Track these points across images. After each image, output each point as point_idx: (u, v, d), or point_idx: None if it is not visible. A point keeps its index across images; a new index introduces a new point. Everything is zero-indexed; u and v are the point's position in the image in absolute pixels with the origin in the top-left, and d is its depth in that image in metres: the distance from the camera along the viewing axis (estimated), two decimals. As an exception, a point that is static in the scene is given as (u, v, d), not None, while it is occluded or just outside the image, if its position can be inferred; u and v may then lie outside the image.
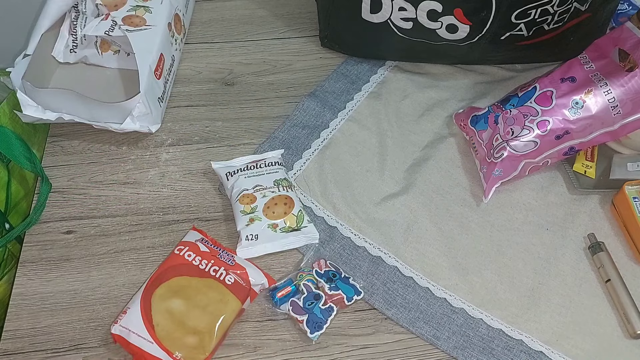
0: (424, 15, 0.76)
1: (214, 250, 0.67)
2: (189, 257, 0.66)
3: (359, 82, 0.87)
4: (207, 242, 0.68)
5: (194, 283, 0.64)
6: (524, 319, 0.66)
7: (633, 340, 0.65)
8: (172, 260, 0.66)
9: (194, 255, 0.66)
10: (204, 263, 0.65)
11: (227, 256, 0.66)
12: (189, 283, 0.64)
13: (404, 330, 0.66)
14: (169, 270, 0.65)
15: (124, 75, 0.85)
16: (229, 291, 0.63)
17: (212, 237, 0.69)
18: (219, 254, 0.66)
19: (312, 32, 0.94)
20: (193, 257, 0.66)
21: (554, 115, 0.70)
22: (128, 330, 0.60)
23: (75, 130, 0.80)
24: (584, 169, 0.76)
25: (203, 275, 0.64)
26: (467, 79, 0.88)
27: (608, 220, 0.74)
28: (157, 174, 0.77)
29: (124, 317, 0.61)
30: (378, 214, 0.73)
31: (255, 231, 0.68)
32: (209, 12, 0.96)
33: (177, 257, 0.66)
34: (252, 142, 0.80)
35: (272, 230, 0.68)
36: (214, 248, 0.67)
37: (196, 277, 0.64)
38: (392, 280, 0.68)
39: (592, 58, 0.72)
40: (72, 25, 0.84)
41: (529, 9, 0.74)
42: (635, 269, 0.70)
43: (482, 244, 0.72)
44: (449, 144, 0.80)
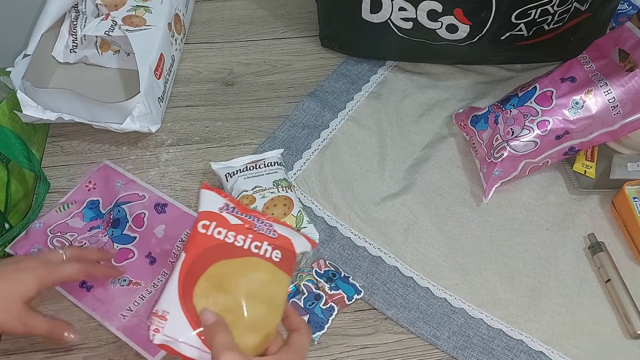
0: (424, 15, 0.76)
1: (247, 220, 0.54)
2: (220, 234, 0.53)
3: (359, 82, 0.87)
4: (233, 209, 0.55)
5: (235, 267, 0.53)
6: (524, 319, 0.66)
7: (633, 340, 0.65)
8: (200, 243, 0.54)
9: (225, 232, 0.53)
10: (241, 239, 0.53)
11: (266, 226, 0.54)
12: (230, 269, 0.53)
13: (404, 330, 0.66)
14: (202, 257, 0.53)
15: (124, 75, 0.85)
16: (278, 268, 0.53)
17: (235, 200, 0.57)
18: (254, 225, 0.54)
19: (312, 32, 0.94)
20: (224, 233, 0.53)
21: (554, 115, 0.70)
22: (175, 340, 0.50)
23: (75, 130, 0.80)
24: (584, 169, 0.77)
25: (243, 254, 0.53)
26: (467, 79, 0.88)
27: (608, 220, 0.74)
28: (157, 174, 0.77)
29: (165, 324, 0.51)
30: (378, 214, 0.73)
31: (255, 231, 0.68)
32: (209, 12, 0.96)
33: (205, 237, 0.54)
34: (252, 142, 0.80)
35: (272, 230, 0.68)
36: (246, 218, 0.55)
37: (236, 259, 0.53)
38: (392, 280, 0.68)
39: (592, 58, 0.72)
40: (72, 25, 0.84)
41: (529, 9, 0.74)
42: (635, 269, 0.70)
43: (482, 244, 0.72)
44: (449, 144, 0.80)
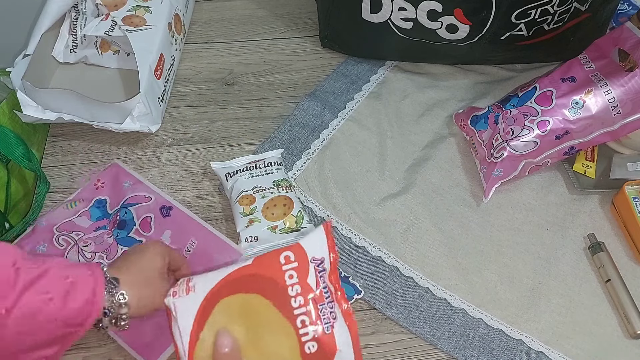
0: (424, 15, 0.76)
1: (322, 292, 0.46)
2: (290, 278, 0.47)
3: (359, 82, 0.87)
4: (324, 270, 0.47)
5: (270, 315, 0.47)
6: (524, 319, 0.66)
7: (633, 340, 0.65)
8: (268, 266, 0.48)
9: (296, 280, 0.46)
10: (298, 301, 0.46)
11: (330, 311, 0.46)
12: (265, 311, 0.47)
13: (404, 330, 0.66)
14: (257, 279, 0.48)
15: (124, 75, 0.85)
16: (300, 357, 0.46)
17: (335, 262, 0.48)
18: (324, 301, 0.46)
19: (312, 32, 0.94)
20: (293, 281, 0.46)
21: (554, 115, 0.70)
22: (176, 316, 0.50)
23: (75, 130, 0.80)
24: (584, 169, 0.76)
25: (286, 314, 0.46)
26: (467, 79, 0.88)
27: (608, 220, 0.74)
28: (157, 174, 0.77)
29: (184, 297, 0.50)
30: (378, 214, 0.73)
31: (255, 233, 0.68)
32: (209, 12, 0.96)
33: (276, 267, 0.48)
34: (252, 142, 0.80)
35: (272, 231, 0.68)
36: (322, 289, 0.47)
37: (276, 310, 0.46)
38: (392, 280, 0.68)
39: (592, 58, 0.72)
40: (72, 25, 0.84)
41: (529, 9, 0.74)
42: (635, 269, 0.70)
43: (482, 244, 0.72)
44: (449, 144, 0.80)
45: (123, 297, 0.52)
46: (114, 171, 0.75)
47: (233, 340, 0.48)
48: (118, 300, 0.51)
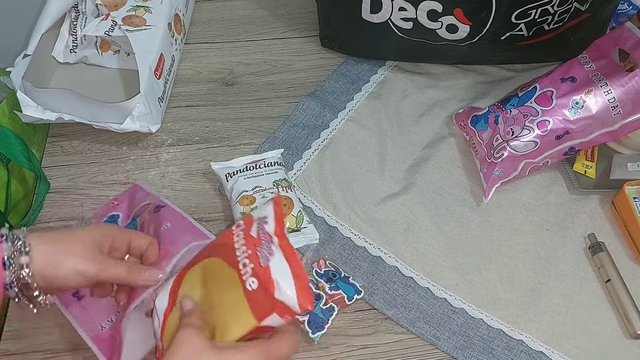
0: (424, 16, 0.76)
1: (262, 237, 0.49)
2: (237, 237, 0.50)
3: (359, 82, 0.87)
4: (266, 223, 0.50)
5: (222, 270, 0.50)
6: (524, 319, 0.66)
7: (633, 340, 0.65)
8: (220, 237, 0.53)
9: (242, 236, 0.50)
10: (242, 249, 0.49)
11: (268, 250, 0.48)
12: (218, 268, 0.50)
13: (404, 331, 0.66)
14: (211, 246, 0.52)
15: (124, 75, 0.85)
16: (246, 300, 0.48)
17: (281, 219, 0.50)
18: (261, 244, 0.49)
19: (312, 32, 0.94)
20: (239, 237, 0.50)
21: (554, 115, 0.70)
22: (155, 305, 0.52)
23: (75, 130, 0.80)
24: (584, 169, 0.76)
25: (230, 263, 0.49)
26: (467, 79, 0.88)
27: (608, 220, 0.74)
28: (157, 174, 0.77)
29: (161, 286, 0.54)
30: (378, 214, 0.73)
31: (255, 231, 0.68)
32: (209, 12, 0.96)
33: (226, 234, 0.52)
34: (252, 142, 0.80)
35: (272, 230, 0.68)
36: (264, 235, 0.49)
37: (226, 264, 0.50)
38: (392, 280, 0.68)
39: (592, 58, 0.72)
40: (72, 25, 0.84)
41: (529, 9, 0.74)
42: (635, 269, 0.70)
43: (482, 244, 0.72)
44: (449, 144, 0.80)
45: (24, 246, 0.47)
46: (131, 190, 0.73)
47: (194, 303, 0.50)
48: (19, 249, 0.47)
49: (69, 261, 0.49)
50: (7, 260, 0.47)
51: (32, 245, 0.48)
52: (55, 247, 0.50)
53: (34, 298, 0.49)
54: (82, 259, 0.50)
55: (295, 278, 0.46)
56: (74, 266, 0.49)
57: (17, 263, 0.47)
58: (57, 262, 0.49)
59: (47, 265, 0.49)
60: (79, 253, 0.50)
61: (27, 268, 0.48)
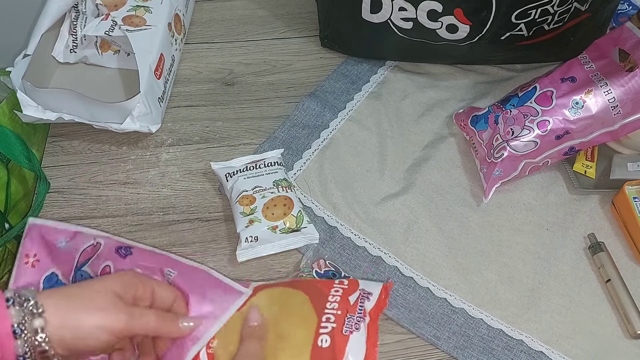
0: (424, 15, 0.76)
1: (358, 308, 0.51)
2: (336, 292, 0.51)
3: (359, 82, 0.87)
4: (367, 299, 0.52)
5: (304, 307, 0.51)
6: (524, 319, 0.66)
7: (633, 340, 0.65)
8: (319, 282, 0.53)
9: (340, 293, 0.51)
10: (334, 305, 0.50)
11: (356, 323, 0.50)
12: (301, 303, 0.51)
13: (405, 331, 0.66)
14: (303, 282, 0.53)
15: (124, 75, 0.85)
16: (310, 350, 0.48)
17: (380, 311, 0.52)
18: (354, 313, 0.50)
19: (312, 32, 0.94)
20: (337, 293, 0.51)
21: (554, 115, 0.70)
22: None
23: (75, 130, 0.80)
24: (584, 169, 0.76)
25: (316, 308, 0.50)
26: (467, 79, 0.88)
27: (608, 220, 0.74)
28: (157, 174, 0.77)
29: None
30: (378, 214, 0.73)
31: (255, 233, 0.68)
32: (209, 12, 0.96)
33: (324, 282, 0.53)
34: (252, 142, 0.80)
35: (272, 231, 0.68)
36: (360, 308, 0.51)
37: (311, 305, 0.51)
38: (392, 280, 0.68)
39: (592, 58, 0.72)
40: (72, 25, 0.84)
41: (529, 9, 0.74)
42: (635, 269, 0.70)
43: (482, 244, 0.72)
44: (449, 144, 0.80)
45: (36, 307, 0.41)
46: (37, 235, 0.57)
47: (262, 317, 0.50)
48: (30, 309, 0.41)
49: (91, 318, 0.43)
50: (17, 327, 0.41)
51: (45, 306, 0.42)
52: (71, 303, 0.43)
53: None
54: (106, 313, 0.43)
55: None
56: (97, 323, 0.43)
57: (30, 328, 0.41)
58: (77, 321, 0.43)
59: (65, 326, 0.42)
60: (100, 306, 0.44)
61: (42, 333, 0.41)
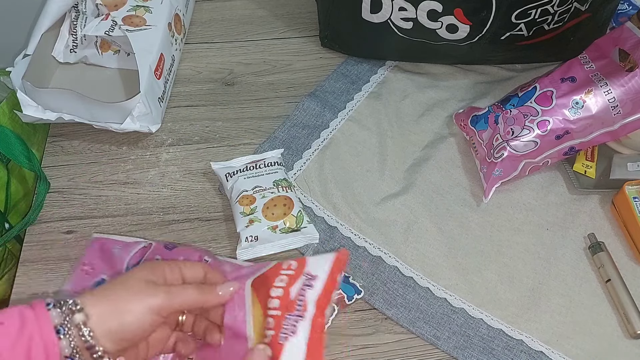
0: (424, 15, 0.76)
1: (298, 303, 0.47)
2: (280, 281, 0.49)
3: (359, 82, 0.87)
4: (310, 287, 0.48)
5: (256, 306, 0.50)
6: (524, 319, 0.66)
7: (633, 340, 0.65)
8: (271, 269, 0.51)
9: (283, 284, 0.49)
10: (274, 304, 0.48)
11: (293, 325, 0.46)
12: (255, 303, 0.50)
13: (404, 330, 0.66)
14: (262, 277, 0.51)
15: (124, 75, 0.85)
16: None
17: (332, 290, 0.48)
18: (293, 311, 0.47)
19: (312, 32, 0.94)
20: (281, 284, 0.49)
21: (554, 115, 0.70)
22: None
23: (75, 130, 0.80)
24: (584, 169, 0.76)
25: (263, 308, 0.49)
26: (467, 79, 0.88)
27: (608, 220, 0.74)
28: (157, 174, 0.77)
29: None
30: (378, 213, 0.73)
31: (255, 232, 0.68)
32: (209, 12, 0.96)
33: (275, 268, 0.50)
34: (252, 142, 0.80)
35: (272, 231, 0.68)
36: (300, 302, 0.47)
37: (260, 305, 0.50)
38: (392, 280, 0.68)
39: (592, 58, 0.72)
40: (72, 25, 0.84)
41: (529, 9, 0.74)
42: (635, 269, 0.70)
43: (482, 244, 0.72)
44: (449, 144, 0.80)
45: (75, 305, 0.42)
46: (98, 248, 0.65)
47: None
48: (70, 309, 0.42)
49: (134, 302, 0.44)
50: (60, 327, 0.41)
51: (82, 303, 0.42)
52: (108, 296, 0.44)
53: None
54: (143, 295, 0.44)
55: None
56: (142, 305, 0.44)
57: (72, 324, 0.41)
58: (117, 309, 0.43)
59: (107, 317, 0.43)
60: (137, 291, 0.44)
61: (85, 327, 0.42)
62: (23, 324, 0.41)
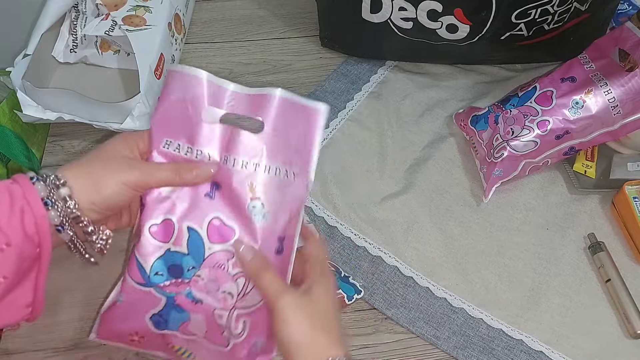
0: (424, 15, 0.76)
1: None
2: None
3: (359, 82, 0.87)
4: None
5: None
6: (524, 319, 0.66)
7: (633, 340, 0.65)
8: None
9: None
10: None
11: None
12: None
13: (404, 330, 0.66)
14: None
15: (124, 75, 0.85)
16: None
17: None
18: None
19: (312, 32, 0.94)
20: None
21: (554, 115, 0.70)
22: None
23: (75, 130, 0.80)
24: (584, 169, 0.76)
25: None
26: (467, 79, 0.88)
27: (608, 220, 0.74)
28: (157, 173, 0.77)
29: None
30: (378, 213, 0.73)
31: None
32: (209, 12, 0.96)
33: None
34: (252, 142, 0.80)
35: (272, 230, 0.68)
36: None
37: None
38: (392, 280, 0.68)
39: (592, 58, 0.72)
40: (72, 25, 0.84)
41: (529, 9, 0.74)
42: (635, 269, 0.70)
43: (482, 243, 0.72)
44: (449, 144, 0.80)
45: (57, 179, 0.44)
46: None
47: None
48: (54, 183, 0.44)
49: (111, 178, 0.46)
50: (47, 199, 0.43)
51: (65, 177, 0.45)
52: (88, 171, 0.47)
53: (90, 235, 0.46)
54: (122, 172, 0.47)
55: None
56: (117, 181, 0.46)
57: (58, 198, 0.44)
58: (99, 183, 0.46)
59: (90, 190, 0.46)
60: (116, 168, 0.47)
61: (70, 200, 0.45)
62: (12, 198, 0.43)
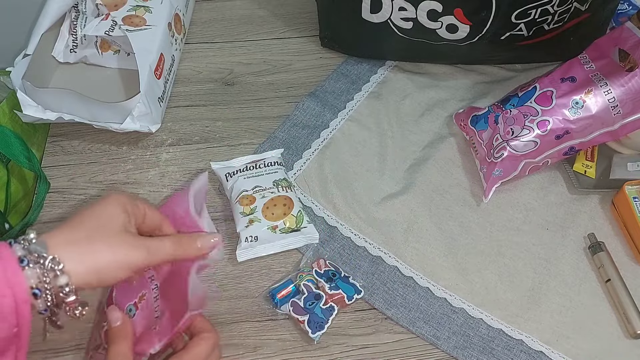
0: (424, 15, 0.76)
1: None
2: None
3: (359, 82, 0.87)
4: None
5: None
6: (524, 319, 0.66)
7: (633, 340, 0.65)
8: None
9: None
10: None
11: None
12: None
13: (404, 330, 0.66)
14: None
15: (124, 75, 0.85)
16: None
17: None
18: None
19: (312, 32, 0.94)
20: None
21: (554, 115, 0.70)
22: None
23: (75, 130, 0.80)
24: (584, 169, 0.76)
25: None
26: (467, 79, 0.88)
27: (608, 220, 0.74)
28: (157, 174, 0.77)
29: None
30: (378, 213, 0.73)
31: (255, 233, 0.68)
32: (209, 12, 0.96)
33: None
34: (252, 142, 0.80)
35: (272, 231, 0.68)
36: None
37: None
38: (392, 280, 0.68)
39: (592, 58, 0.72)
40: (72, 25, 0.84)
41: (529, 9, 0.74)
42: (635, 269, 0.70)
43: (482, 243, 0.72)
44: (449, 144, 0.80)
45: (55, 263, 0.39)
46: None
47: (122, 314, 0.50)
48: (49, 267, 0.39)
49: (114, 261, 0.43)
50: (36, 289, 0.39)
51: (61, 258, 0.40)
52: (89, 249, 0.42)
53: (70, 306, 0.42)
54: (124, 253, 0.43)
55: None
56: (122, 264, 0.43)
57: (54, 286, 0.40)
58: (100, 270, 0.42)
59: (90, 274, 0.42)
60: (116, 246, 0.43)
61: (67, 287, 0.41)
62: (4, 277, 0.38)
